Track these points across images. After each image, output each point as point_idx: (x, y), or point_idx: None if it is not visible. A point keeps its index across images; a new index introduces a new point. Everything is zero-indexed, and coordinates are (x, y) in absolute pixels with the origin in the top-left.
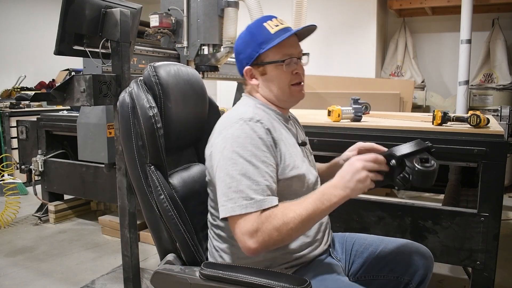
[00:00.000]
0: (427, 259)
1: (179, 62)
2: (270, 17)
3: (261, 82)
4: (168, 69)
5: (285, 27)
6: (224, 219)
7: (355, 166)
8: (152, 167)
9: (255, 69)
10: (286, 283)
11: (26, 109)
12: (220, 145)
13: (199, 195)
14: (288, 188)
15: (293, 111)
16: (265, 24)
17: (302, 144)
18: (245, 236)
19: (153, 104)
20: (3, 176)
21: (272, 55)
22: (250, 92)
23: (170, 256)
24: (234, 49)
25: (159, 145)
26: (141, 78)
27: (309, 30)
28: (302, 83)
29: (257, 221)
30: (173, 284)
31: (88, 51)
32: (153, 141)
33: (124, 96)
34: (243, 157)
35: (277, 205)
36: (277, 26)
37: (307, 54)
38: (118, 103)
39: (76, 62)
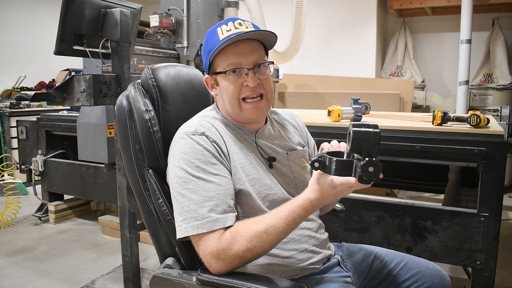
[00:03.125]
0: (445, 284)
1: (179, 62)
2: (227, 21)
3: (218, 92)
4: (167, 71)
5: (236, 32)
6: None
7: (346, 192)
8: (150, 170)
9: (212, 79)
10: None
11: (26, 109)
12: (170, 162)
13: None
14: (245, 200)
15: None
16: (218, 28)
17: (270, 160)
18: (207, 257)
19: (150, 108)
20: (3, 176)
21: (221, 64)
22: (216, 101)
23: (170, 260)
24: None
25: (157, 148)
26: (139, 81)
27: (268, 36)
28: (260, 97)
29: (217, 244)
30: None
31: (88, 51)
32: (150, 145)
33: (121, 99)
34: (192, 174)
35: (234, 224)
36: (229, 31)
37: (270, 62)
38: (115, 107)
39: (76, 62)
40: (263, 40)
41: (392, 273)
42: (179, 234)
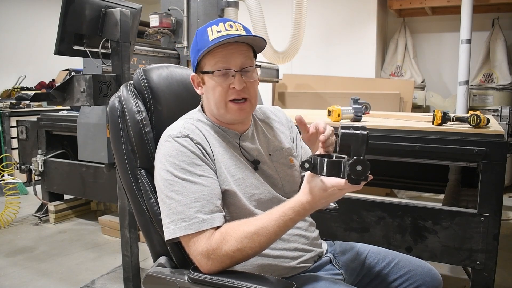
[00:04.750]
0: (436, 282)
1: (179, 62)
2: (218, 22)
3: (204, 91)
4: (159, 72)
5: (227, 34)
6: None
7: (338, 195)
8: (143, 171)
9: (199, 77)
10: (272, 287)
11: (26, 109)
12: (156, 166)
13: None
14: (231, 200)
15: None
16: (209, 28)
17: (254, 162)
18: (198, 257)
19: (142, 108)
20: (3, 176)
21: (208, 64)
22: (202, 101)
23: (162, 259)
24: None
25: (149, 149)
26: (131, 82)
27: (257, 41)
28: (245, 100)
29: (207, 244)
30: (162, 287)
31: (88, 51)
32: (142, 145)
33: (113, 100)
34: (178, 176)
35: (224, 224)
36: (219, 32)
37: (258, 66)
38: (108, 108)
39: (76, 62)
40: (252, 44)
41: (384, 271)
42: (167, 236)
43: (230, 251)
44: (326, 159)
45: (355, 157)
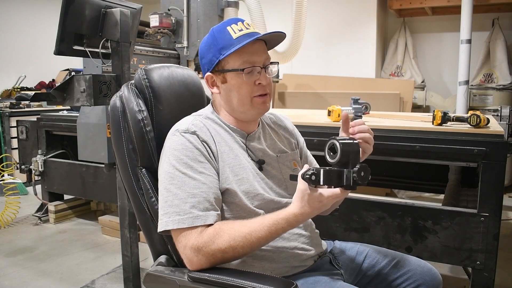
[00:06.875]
0: (436, 282)
1: (179, 62)
2: (236, 21)
3: (222, 90)
4: (160, 72)
5: (249, 32)
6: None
7: (330, 204)
8: (144, 170)
9: (216, 76)
10: (272, 285)
11: (26, 109)
12: (161, 158)
13: None
14: (231, 199)
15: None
16: (228, 27)
17: (259, 162)
18: (187, 252)
19: (143, 108)
20: (3, 176)
21: (233, 62)
22: (213, 100)
23: (162, 258)
24: (198, 53)
25: (150, 148)
26: (133, 81)
27: (277, 37)
28: (267, 94)
29: (198, 239)
30: (163, 286)
31: (88, 51)
32: (143, 145)
33: (115, 100)
34: (179, 170)
35: (219, 222)
36: (241, 30)
37: (275, 63)
38: (109, 107)
39: (76, 62)
40: (268, 41)
41: (384, 271)
42: (160, 228)
43: (223, 246)
44: (329, 169)
45: (358, 165)
